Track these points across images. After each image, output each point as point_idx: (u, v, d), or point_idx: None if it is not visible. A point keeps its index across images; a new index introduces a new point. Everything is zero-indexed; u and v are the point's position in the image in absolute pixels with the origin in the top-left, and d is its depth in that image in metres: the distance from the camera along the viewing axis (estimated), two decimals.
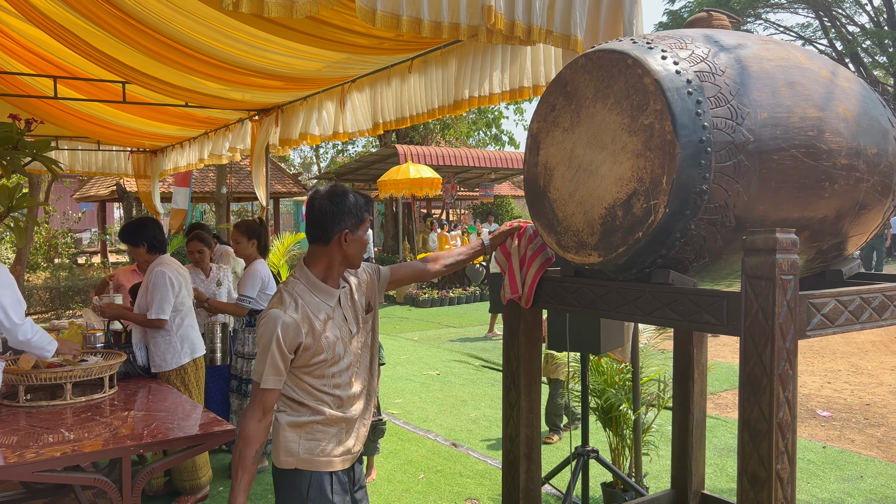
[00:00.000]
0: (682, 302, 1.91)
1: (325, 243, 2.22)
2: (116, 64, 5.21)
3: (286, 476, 2.26)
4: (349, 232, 2.20)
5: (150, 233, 4.06)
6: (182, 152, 9.02)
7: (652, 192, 1.88)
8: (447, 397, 6.65)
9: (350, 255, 2.24)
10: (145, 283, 4.00)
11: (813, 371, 7.59)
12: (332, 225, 2.19)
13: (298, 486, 2.22)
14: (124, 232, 4.12)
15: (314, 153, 33.68)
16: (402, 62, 4.99)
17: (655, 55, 1.93)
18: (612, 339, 3.46)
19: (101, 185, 19.13)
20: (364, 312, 2.37)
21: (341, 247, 2.21)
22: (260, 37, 4.25)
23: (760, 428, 1.73)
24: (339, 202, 2.20)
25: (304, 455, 2.22)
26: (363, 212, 2.24)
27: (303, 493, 2.22)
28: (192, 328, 4.19)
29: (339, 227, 2.19)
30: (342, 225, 2.19)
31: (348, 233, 2.20)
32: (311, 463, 2.23)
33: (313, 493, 2.22)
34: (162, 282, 3.94)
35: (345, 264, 2.27)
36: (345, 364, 2.26)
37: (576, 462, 3.65)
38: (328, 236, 2.20)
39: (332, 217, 2.19)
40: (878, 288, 1.96)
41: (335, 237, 2.20)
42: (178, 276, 4.04)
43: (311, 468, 2.23)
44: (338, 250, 2.22)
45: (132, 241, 4.04)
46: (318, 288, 2.23)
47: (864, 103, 2.12)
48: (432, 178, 14.21)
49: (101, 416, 3.12)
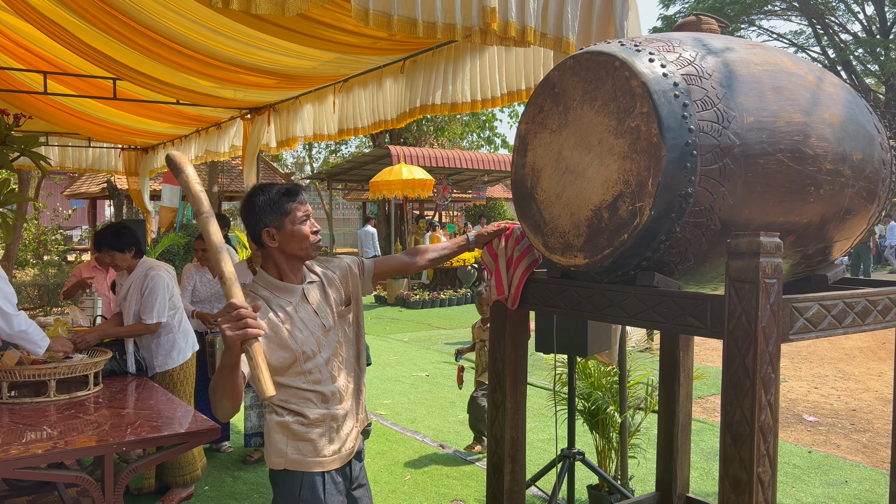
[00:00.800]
0: (667, 304, 1.91)
1: (261, 245, 2.22)
2: (107, 60, 5.19)
3: (278, 476, 2.24)
4: (273, 229, 2.18)
5: (134, 236, 4.02)
6: (173, 150, 8.98)
7: (638, 194, 1.88)
8: (435, 399, 6.64)
9: (289, 249, 2.21)
10: (139, 287, 3.93)
11: (800, 376, 7.63)
12: (254, 227, 2.20)
13: (290, 487, 2.21)
14: (106, 238, 3.97)
15: (307, 153, 33.62)
16: (394, 62, 4.98)
17: (643, 58, 1.93)
18: (599, 341, 3.47)
19: (92, 182, 19.05)
20: (341, 305, 2.34)
21: (273, 244, 2.20)
22: (252, 35, 4.24)
23: (742, 431, 1.73)
24: (250, 205, 2.20)
25: (292, 456, 2.20)
26: (283, 204, 2.19)
27: (294, 494, 2.20)
28: (188, 322, 4.25)
29: (260, 226, 2.19)
30: (261, 224, 2.19)
31: (273, 230, 2.18)
32: (301, 464, 2.21)
33: (305, 494, 2.20)
34: (161, 286, 3.92)
35: (292, 259, 2.23)
36: (321, 359, 2.23)
37: (562, 464, 3.65)
38: (258, 239, 2.21)
39: (249, 220, 2.21)
40: (861, 293, 1.97)
41: (263, 237, 2.20)
42: (170, 276, 4.06)
43: (301, 469, 2.21)
44: (273, 248, 2.21)
45: (118, 246, 3.95)
46: (276, 287, 2.22)
47: (850, 109, 2.13)
48: (425, 180, 14.22)
49: (86, 414, 3.10)
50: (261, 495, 4.29)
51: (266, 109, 6.64)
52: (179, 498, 4.12)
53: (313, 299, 2.26)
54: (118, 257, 3.98)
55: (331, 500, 2.23)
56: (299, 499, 2.19)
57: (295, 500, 2.20)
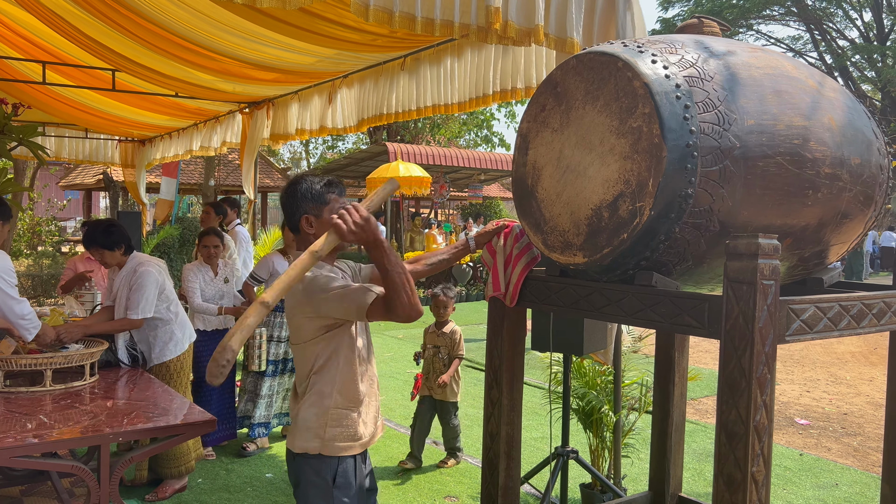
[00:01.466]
0: (665, 304, 1.93)
1: (298, 232, 2.31)
2: (106, 51, 5.17)
3: (308, 462, 2.24)
4: (312, 216, 2.27)
5: (123, 233, 3.97)
6: (171, 143, 8.97)
7: (638, 194, 1.90)
8: None
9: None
10: (128, 283, 3.91)
11: (793, 379, 7.67)
12: (294, 213, 2.29)
13: (323, 473, 2.22)
14: (95, 236, 3.92)
15: (304, 148, 33.59)
16: (394, 59, 4.99)
17: (646, 59, 1.95)
18: (595, 340, 3.48)
19: (88, 173, 18.99)
20: None
21: (310, 232, 2.27)
22: (252, 30, 4.24)
23: (737, 430, 1.75)
24: (293, 191, 2.30)
25: (329, 440, 2.22)
26: (324, 194, 2.28)
27: (328, 480, 2.22)
28: (185, 314, 4.25)
29: (300, 212, 2.28)
30: (301, 210, 2.28)
31: (311, 217, 2.27)
32: (338, 448, 2.23)
33: (340, 480, 2.22)
34: (150, 282, 3.89)
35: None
36: (362, 342, 2.31)
37: (555, 462, 3.67)
38: (295, 225, 2.29)
39: (291, 206, 2.29)
40: (857, 296, 1.99)
41: (301, 223, 2.28)
42: (160, 271, 4.03)
43: (336, 453, 2.23)
44: (309, 235, 2.27)
45: (108, 244, 3.90)
46: (325, 268, 2.28)
47: (849, 114, 2.15)
48: (422, 177, 14.21)
49: (81, 404, 3.11)
50: (254, 488, 4.29)
51: (265, 104, 6.63)
52: (173, 490, 4.12)
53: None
54: (108, 255, 3.95)
55: (359, 485, 2.28)
56: (334, 485, 2.22)
57: (328, 486, 2.22)
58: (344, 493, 2.23)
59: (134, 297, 3.86)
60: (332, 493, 2.22)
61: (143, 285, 3.87)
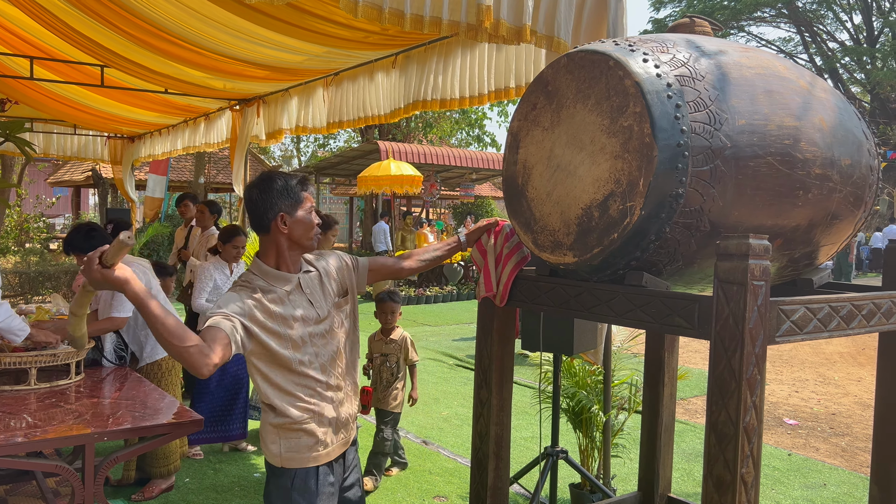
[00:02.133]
0: (655, 304, 1.92)
1: (266, 231, 2.22)
2: (95, 47, 5.13)
3: (273, 470, 2.26)
4: (286, 215, 2.19)
5: (106, 237, 3.87)
6: (160, 140, 8.92)
7: (628, 193, 1.89)
8: (419, 395, 6.63)
9: (296, 237, 2.22)
10: None
11: (781, 380, 7.69)
12: (265, 211, 2.19)
13: (283, 478, 2.24)
14: (75, 240, 3.83)
15: (295, 146, 33.49)
16: (385, 57, 4.97)
17: (637, 58, 1.94)
18: (585, 340, 3.48)
19: (77, 170, 18.86)
20: (338, 297, 2.34)
21: (282, 231, 2.20)
22: (243, 27, 4.21)
23: (727, 431, 1.74)
24: (266, 188, 2.20)
25: (286, 454, 2.22)
26: (297, 192, 2.21)
27: (287, 484, 2.22)
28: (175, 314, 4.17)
29: (273, 211, 2.19)
30: (275, 209, 2.19)
31: (285, 216, 2.19)
32: (294, 460, 2.22)
33: (298, 483, 2.22)
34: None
35: (295, 248, 2.24)
36: (312, 350, 2.22)
37: (545, 462, 3.66)
38: (266, 224, 2.20)
39: (262, 204, 2.19)
40: (846, 297, 1.98)
41: (273, 223, 2.19)
42: (144, 271, 3.96)
43: (294, 465, 2.22)
44: (280, 235, 2.20)
45: (88, 248, 3.73)
46: (271, 275, 2.21)
47: (840, 115, 2.15)
48: (413, 176, 14.18)
49: (66, 403, 3.07)
50: (242, 488, 4.26)
51: (256, 101, 6.60)
52: (160, 489, 4.08)
53: (308, 289, 2.26)
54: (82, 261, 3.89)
55: (323, 491, 2.24)
56: (292, 487, 2.21)
57: (288, 489, 2.22)
58: (302, 497, 2.20)
59: (118, 295, 3.81)
60: (291, 495, 2.21)
61: None
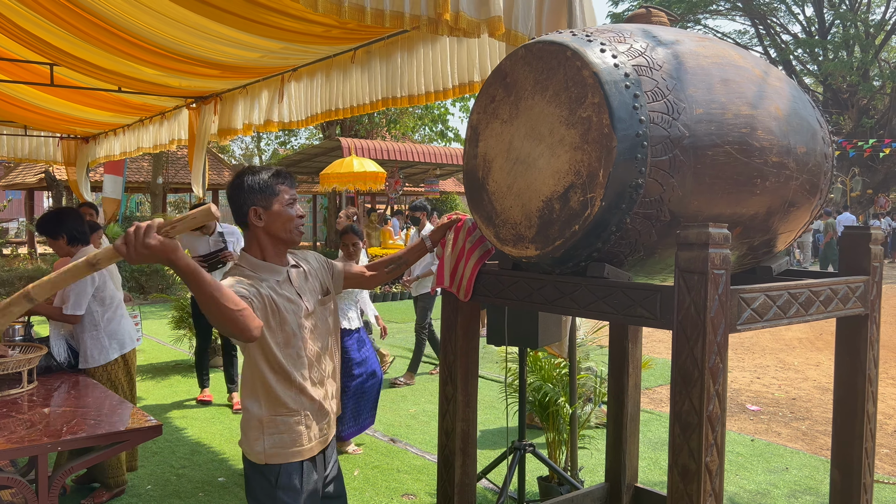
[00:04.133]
0: (617, 296, 1.92)
1: (245, 226, 2.22)
2: (44, 45, 4.97)
3: (254, 467, 2.22)
4: (260, 208, 2.18)
5: (71, 224, 3.88)
6: (116, 140, 8.70)
7: (589, 185, 1.87)
8: (387, 393, 6.59)
9: (274, 230, 2.20)
10: None
11: (743, 367, 7.83)
12: (240, 206, 2.20)
13: (267, 475, 2.20)
14: (43, 223, 3.91)
15: (255, 144, 33.07)
16: (344, 52, 4.90)
17: (594, 48, 1.92)
18: (549, 333, 3.48)
19: (29, 172, 18.35)
20: (321, 294, 2.35)
21: (258, 224, 2.19)
22: (196, 23, 4.11)
23: (691, 421, 1.75)
24: (239, 183, 2.20)
25: (270, 450, 2.18)
26: (272, 185, 2.20)
27: (272, 481, 2.19)
28: (122, 323, 4.05)
29: (248, 204, 2.19)
30: (249, 202, 2.18)
31: (259, 209, 2.18)
32: (279, 456, 2.19)
33: (283, 481, 2.19)
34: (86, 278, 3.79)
35: (276, 241, 2.23)
36: (300, 343, 2.22)
37: (512, 456, 3.65)
38: (243, 219, 2.21)
39: (238, 199, 2.20)
40: (804, 284, 2.00)
41: (250, 216, 2.19)
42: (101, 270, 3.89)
43: (279, 461, 2.19)
44: (258, 229, 2.20)
45: (51, 232, 3.85)
46: (260, 267, 2.20)
47: (794, 103, 2.16)
48: (376, 173, 14.10)
49: (18, 413, 2.97)
50: (206, 493, 4.18)
51: (212, 98, 6.47)
52: (110, 494, 4.01)
53: (296, 282, 2.26)
54: (52, 245, 3.90)
55: (307, 487, 2.22)
56: (276, 486, 2.18)
57: (272, 486, 2.18)
58: (287, 495, 2.18)
59: (68, 291, 3.76)
60: (276, 493, 2.18)
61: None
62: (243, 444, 2.24)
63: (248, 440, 2.21)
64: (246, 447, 2.22)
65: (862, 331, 2.25)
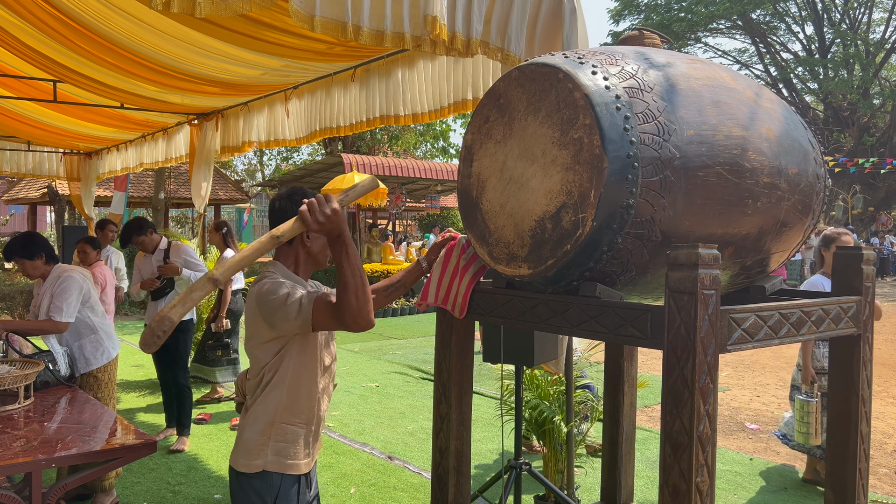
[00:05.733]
0: (608, 315, 1.92)
1: (289, 242, 2.23)
2: (47, 61, 5.02)
3: (250, 484, 2.16)
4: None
5: (43, 244, 4.03)
6: (118, 155, 8.76)
7: (580, 205, 1.89)
8: (385, 409, 6.58)
9: (314, 252, 2.28)
10: (51, 289, 3.95)
11: (743, 385, 7.80)
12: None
13: (263, 495, 2.14)
14: (15, 248, 3.97)
15: (258, 160, 33.20)
16: (344, 70, 4.94)
17: (586, 70, 1.95)
18: (545, 351, 3.48)
19: (32, 186, 18.44)
20: None
21: (304, 244, 2.25)
22: (198, 41, 4.15)
23: (682, 441, 1.75)
24: (295, 201, 2.24)
25: (272, 457, 2.16)
26: None
27: (270, 490, 2.14)
28: (111, 325, 4.28)
29: None
30: None
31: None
32: (281, 465, 2.16)
33: (283, 491, 2.15)
34: (74, 286, 3.95)
35: (310, 262, 2.30)
36: (325, 353, 2.26)
37: (508, 475, 3.64)
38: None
39: (289, 215, 2.19)
40: (795, 304, 2.01)
41: (301, 235, 2.22)
42: (84, 279, 4.07)
43: (279, 470, 2.16)
44: (301, 248, 2.26)
45: (27, 254, 3.94)
46: (292, 278, 2.23)
47: (786, 124, 2.18)
48: (378, 189, 14.14)
49: (14, 429, 2.97)
50: None
51: (214, 115, 6.51)
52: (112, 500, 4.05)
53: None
54: (28, 265, 3.98)
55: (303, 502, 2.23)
56: (278, 496, 2.16)
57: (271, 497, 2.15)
58: None
59: (57, 301, 3.90)
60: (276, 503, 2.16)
61: (67, 289, 3.92)
62: (238, 455, 2.18)
63: (247, 450, 2.16)
64: (242, 457, 2.17)
65: (855, 351, 2.25)
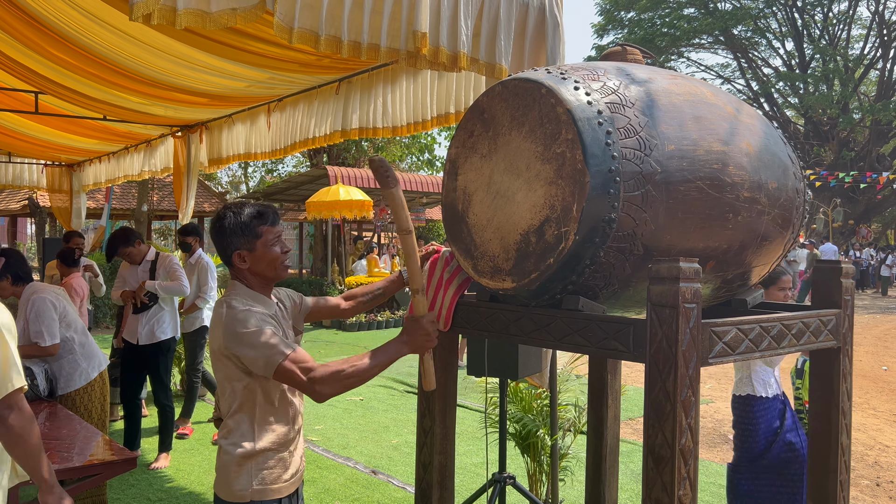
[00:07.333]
0: (591, 328, 1.93)
1: (231, 266, 2.21)
2: (29, 73, 5.00)
3: None
4: (245, 251, 2.17)
5: (15, 263, 3.90)
6: (101, 167, 8.70)
7: (563, 219, 1.90)
8: (369, 423, 6.55)
9: (259, 271, 2.20)
10: (24, 314, 3.83)
11: (726, 397, 7.84)
12: (225, 249, 2.19)
13: None
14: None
15: (243, 172, 33.08)
16: (329, 83, 4.95)
17: (569, 85, 1.96)
18: (530, 364, 3.48)
19: (13, 198, 18.26)
20: (292, 331, 2.36)
21: (244, 266, 2.19)
22: (181, 53, 4.15)
23: (664, 454, 1.75)
24: (220, 227, 2.19)
25: (257, 487, 2.13)
26: (253, 227, 2.18)
27: None
28: (94, 345, 4.11)
29: (231, 248, 2.18)
30: (233, 246, 2.17)
31: (244, 252, 2.17)
32: (266, 493, 2.14)
33: None
34: (45, 307, 3.81)
35: (264, 281, 2.23)
36: None
37: (492, 489, 3.63)
38: (228, 261, 2.20)
39: (221, 243, 2.19)
40: (776, 317, 2.03)
41: (234, 259, 2.19)
42: (57, 298, 3.93)
43: (263, 498, 2.14)
44: (244, 270, 2.19)
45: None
46: (254, 297, 2.19)
47: (766, 139, 2.21)
48: (363, 201, 14.14)
49: None
50: None
51: (198, 127, 6.49)
52: None
53: (282, 317, 2.28)
54: None
55: None
56: None
57: None
58: None
59: (34, 326, 3.78)
60: None
61: (40, 311, 3.79)
62: (221, 483, 2.17)
63: (227, 481, 2.14)
64: (225, 488, 2.15)
65: (834, 364, 2.28)
